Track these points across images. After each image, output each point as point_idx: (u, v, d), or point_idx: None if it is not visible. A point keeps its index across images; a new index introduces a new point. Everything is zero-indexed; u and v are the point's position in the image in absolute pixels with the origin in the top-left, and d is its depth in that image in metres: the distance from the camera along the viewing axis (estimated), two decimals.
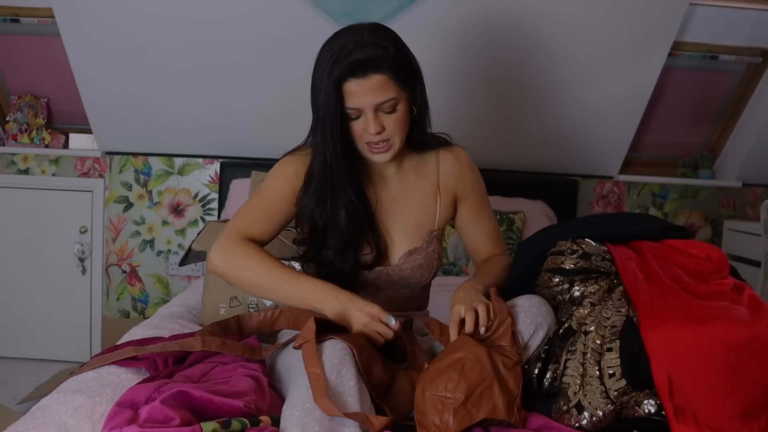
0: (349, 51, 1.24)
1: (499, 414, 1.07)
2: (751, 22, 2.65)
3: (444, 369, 1.11)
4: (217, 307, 1.67)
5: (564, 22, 2.46)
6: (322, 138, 1.30)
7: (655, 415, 1.14)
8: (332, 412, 0.99)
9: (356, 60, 1.23)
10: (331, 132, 1.29)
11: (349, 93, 1.26)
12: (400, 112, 1.30)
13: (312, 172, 1.36)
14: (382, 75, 1.25)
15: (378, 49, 1.24)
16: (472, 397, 1.07)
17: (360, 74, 1.24)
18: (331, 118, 1.27)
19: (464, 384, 1.08)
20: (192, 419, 1.03)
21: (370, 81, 1.24)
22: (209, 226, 1.78)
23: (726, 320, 1.17)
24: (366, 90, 1.25)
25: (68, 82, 2.70)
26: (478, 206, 1.51)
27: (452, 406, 1.05)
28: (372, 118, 1.27)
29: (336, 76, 1.24)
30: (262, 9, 2.39)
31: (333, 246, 1.37)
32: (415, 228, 1.45)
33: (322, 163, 1.33)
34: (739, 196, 3.12)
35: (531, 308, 1.27)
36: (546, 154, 2.92)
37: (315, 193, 1.35)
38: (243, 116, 2.75)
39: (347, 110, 1.28)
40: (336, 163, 1.32)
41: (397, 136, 1.32)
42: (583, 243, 1.36)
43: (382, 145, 1.32)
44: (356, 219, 1.36)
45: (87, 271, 2.98)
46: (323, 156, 1.32)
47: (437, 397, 1.07)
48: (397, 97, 1.28)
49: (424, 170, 1.48)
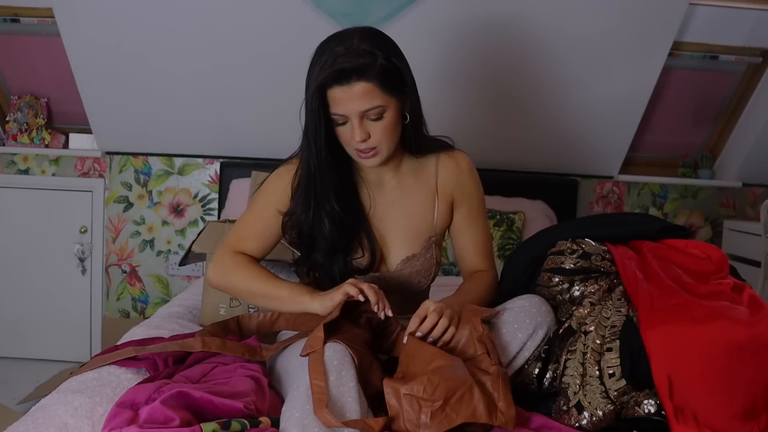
0: (336, 58, 1.23)
1: (480, 417, 1.04)
2: (751, 22, 2.65)
3: (422, 373, 1.09)
4: (217, 307, 1.67)
5: (564, 22, 2.46)
6: (306, 144, 1.31)
7: (655, 415, 1.14)
8: (331, 424, 0.99)
9: (341, 68, 1.22)
10: (315, 138, 1.29)
11: (334, 99, 1.25)
12: (388, 120, 1.28)
13: (298, 178, 1.37)
14: (367, 83, 1.23)
15: (366, 57, 1.23)
16: (451, 400, 1.05)
17: (344, 81, 1.23)
18: (315, 124, 1.28)
19: (444, 386, 1.05)
20: (192, 420, 1.03)
21: (354, 88, 1.23)
22: (209, 226, 1.78)
23: (726, 320, 1.17)
24: (350, 97, 1.24)
25: (68, 82, 2.70)
26: (471, 216, 1.48)
27: (430, 408, 1.04)
28: (357, 125, 1.26)
29: (320, 82, 1.23)
30: (262, 9, 2.39)
31: (322, 249, 1.37)
32: (414, 233, 1.44)
33: (306, 169, 1.34)
34: (739, 196, 3.12)
35: (530, 308, 1.27)
36: (546, 154, 2.92)
37: (300, 198, 1.36)
38: (243, 116, 2.75)
39: (333, 116, 1.28)
40: (320, 170, 1.32)
41: (384, 143, 1.30)
42: (583, 243, 1.36)
43: (369, 151, 1.31)
44: (340, 227, 1.36)
45: (87, 271, 2.98)
46: (307, 162, 1.33)
47: (414, 397, 1.05)
48: (384, 105, 1.26)
49: (422, 174, 1.46)
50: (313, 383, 1.05)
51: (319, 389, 1.04)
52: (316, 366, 1.08)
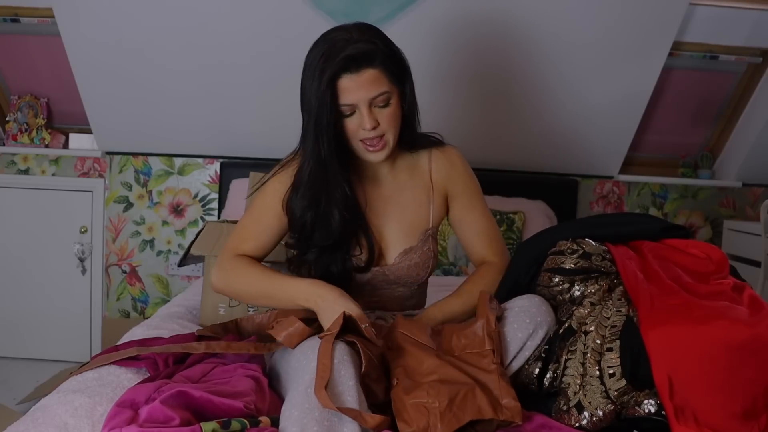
0: (341, 48, 1.25)
1: (486, 414, 1.07)
2: (751, 22, 2.65)
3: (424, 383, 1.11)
4: (217, 307, 1.67)
5: (564, 22, 2.46)
6: (316, 137, 1.30)
7: (655, 415, 1.14)
8: (328, 404, 1.00)
9: (348, 55, 1.24)
10: (327, 129, 1.28)
11: (343, 89, 1.26)
12: (393, 107, 1.31)
13: (301, 175, 1.35)
14: (374, 69, 1.26)
15: (369, 44, 1.26)
16: (455, 400, 1.08)
17: (353, 69, 1.25)
18: (327, 116, 1.27)
19: (446, 390, 1.09)
20: (192, 419, 1.03)
21: (363, 75, 1.25)
22: (207, 227, 1.77)
23: (726, 320, 1.17)
24: (359, 85, 1.26)
25: (68, 82, 2.70)
26: (470, 205, 1.51)
27: (437, 410, 1.06)
28: (366, 113, 1.28)
29: (330, 73, 1.24)
30: (262, 9, 2.40)
31: (319, 244, 1.36)
32: (410, 227, 1.46)
33: (316, 162, 1.31)
34: (739, 196, 3.12)
35: (530, 308, 1.27)
36: (546, 154, 2.92)
37: (308, 192, 1.34)
38: (243, 116, 2.76)
39: (341, 107, 1.28)
40: (331, 159, 1.31)
41: (390, 131, 1.32)
42: (584, 243, 1.36)
43: (377, 141, 1.32)
44: (350, 216, 1.36)
45: (87, 271, 2.98)
46: (317, 155, 1.31)
47: (420, 404, 1.07)
48: (390, 91, 1.29)
49: (416, 170, 1.48)
50: (320, 361, 1.07)
51: (324, 367, 1.05)
52: (326, 346, 1.09)
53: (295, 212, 1.36)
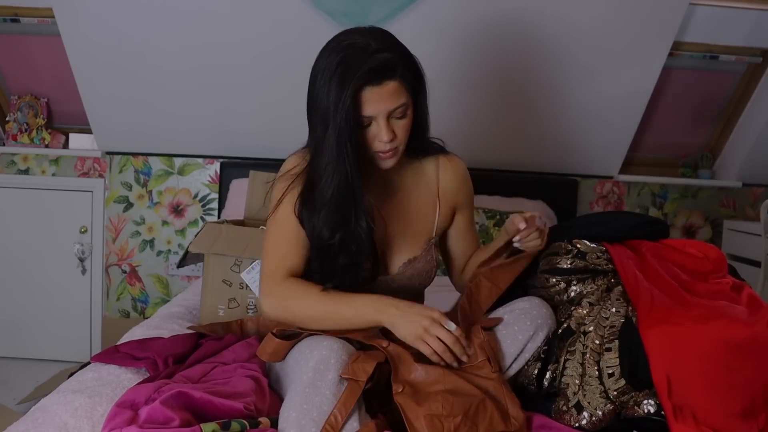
0: (361, 58, 1.20)
1: (498, 426, 1.07)
2: (751, 22, 2.65)
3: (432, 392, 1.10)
4: (216, 307, 1.67)
5: (564, 22, 2.46)
6: (339, 150, 1.22)
7: (654, 415, 1.14)
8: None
9: (371, 68, 1.19)
10: (349, 141, 1.22)
11: (365, 101, 1.22)
12: (409, 118, 1.28)
13: (322, 194, 1.27)
14: (395, 81, 1.22)
15: (389, 54, 1.22)
16: (469, 413, 1.07)
17: (376, 81, 1.20)
18: (350, 128, 1.21)
19: (459, 402, 1.08)
20: (192, 420, 1.03)
21: (385, 88, 1.21)
22: (206, 227, 1.76)
23: (725, 319, 1.17)
24: (381, 97, 1.22)
25: (68, 82, 2.70)
26: (471, 219, 1.52)
27: (453, 423, 1.05)
28: (384, 126, 1.24)
29: (355, 86, 1.19)
30: (262, 9, 2.40)
31: (343, 262, 1.30)
32: (415, 236, 1.43)
33: (343, 179, 1.24)
34: (739, 196, 3.12)
35: (531, 310, 1.26)
36: (546, 154, 2.92)
37: (335, 215, 1.26)
38: (243, 116, 2.75)
39: (361, 118, 1.24)
40: (356, 174, 1.25)
41: (404, 142, 1.30)
42: (578, 243, 1.36)
43: (390, 152, 1.29)
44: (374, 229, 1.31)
45: (87, 271, 2.98)
46: (343, 171, 1.23)
47: (435, 416, 1.06)
48: (407, 103, 1.26)
49: (422, 177, 1.45)
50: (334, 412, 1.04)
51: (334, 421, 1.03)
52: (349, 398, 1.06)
53: (322, 234, 1.28)
